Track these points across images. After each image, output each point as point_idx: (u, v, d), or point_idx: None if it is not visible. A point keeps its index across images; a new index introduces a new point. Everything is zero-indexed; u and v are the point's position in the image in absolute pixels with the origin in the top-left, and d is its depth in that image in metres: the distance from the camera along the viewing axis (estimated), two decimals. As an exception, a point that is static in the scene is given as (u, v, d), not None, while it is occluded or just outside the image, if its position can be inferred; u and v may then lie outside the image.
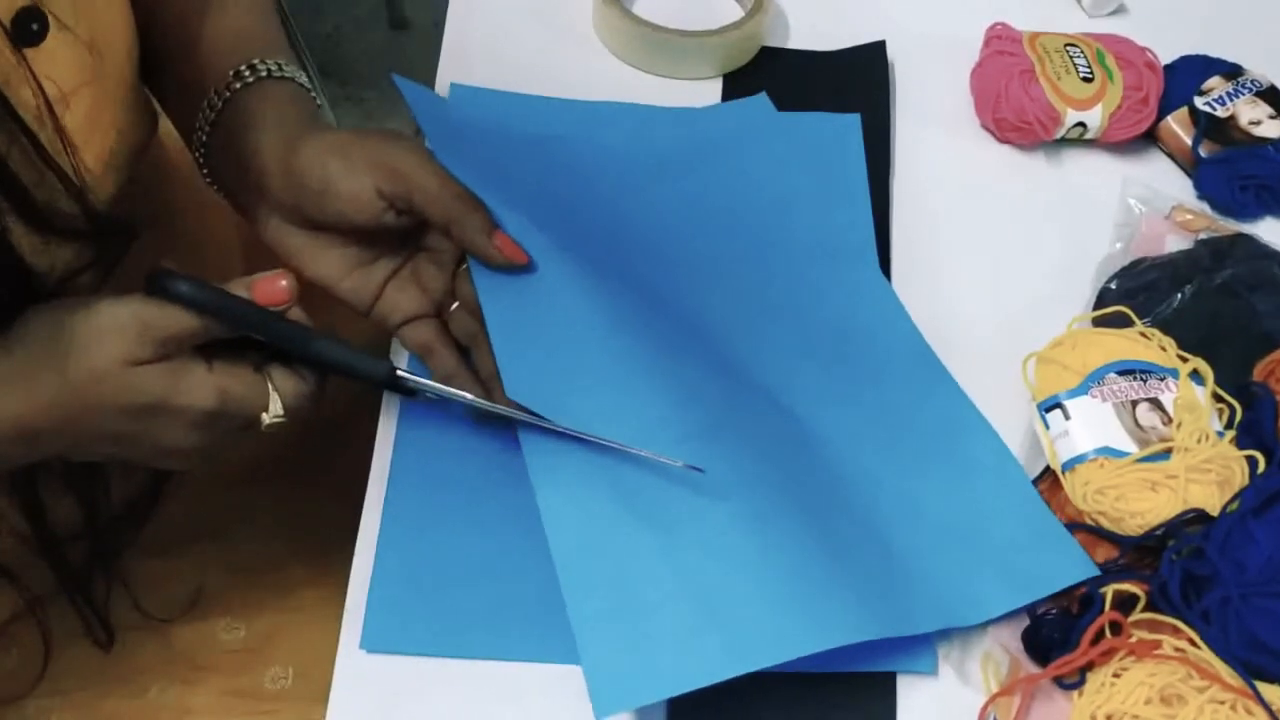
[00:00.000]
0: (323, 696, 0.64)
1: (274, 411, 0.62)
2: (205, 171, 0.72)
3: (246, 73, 0.70)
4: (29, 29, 0.57)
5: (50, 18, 0.58)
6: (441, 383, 0.68)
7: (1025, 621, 0.66)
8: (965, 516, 0.69)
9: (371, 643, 0.64)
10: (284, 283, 0.61)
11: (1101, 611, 0.63)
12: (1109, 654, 0.62)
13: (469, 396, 0.66)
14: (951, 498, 0.70)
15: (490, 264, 0.68)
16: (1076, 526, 0.68)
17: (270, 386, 0.62)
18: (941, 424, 0.73)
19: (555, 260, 0.70)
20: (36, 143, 0.57)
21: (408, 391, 0.66)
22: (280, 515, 0.86)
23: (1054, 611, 0.65)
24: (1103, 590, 0.64)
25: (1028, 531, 0.69)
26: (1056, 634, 0.63)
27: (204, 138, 0.71)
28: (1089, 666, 0.63)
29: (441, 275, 0.71)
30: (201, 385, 0.60)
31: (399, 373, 0.64)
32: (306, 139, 0.67)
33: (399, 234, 0.70)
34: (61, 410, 0.58)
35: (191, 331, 0.59)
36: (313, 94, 0.73)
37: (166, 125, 0.91)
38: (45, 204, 0.58)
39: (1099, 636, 0.63)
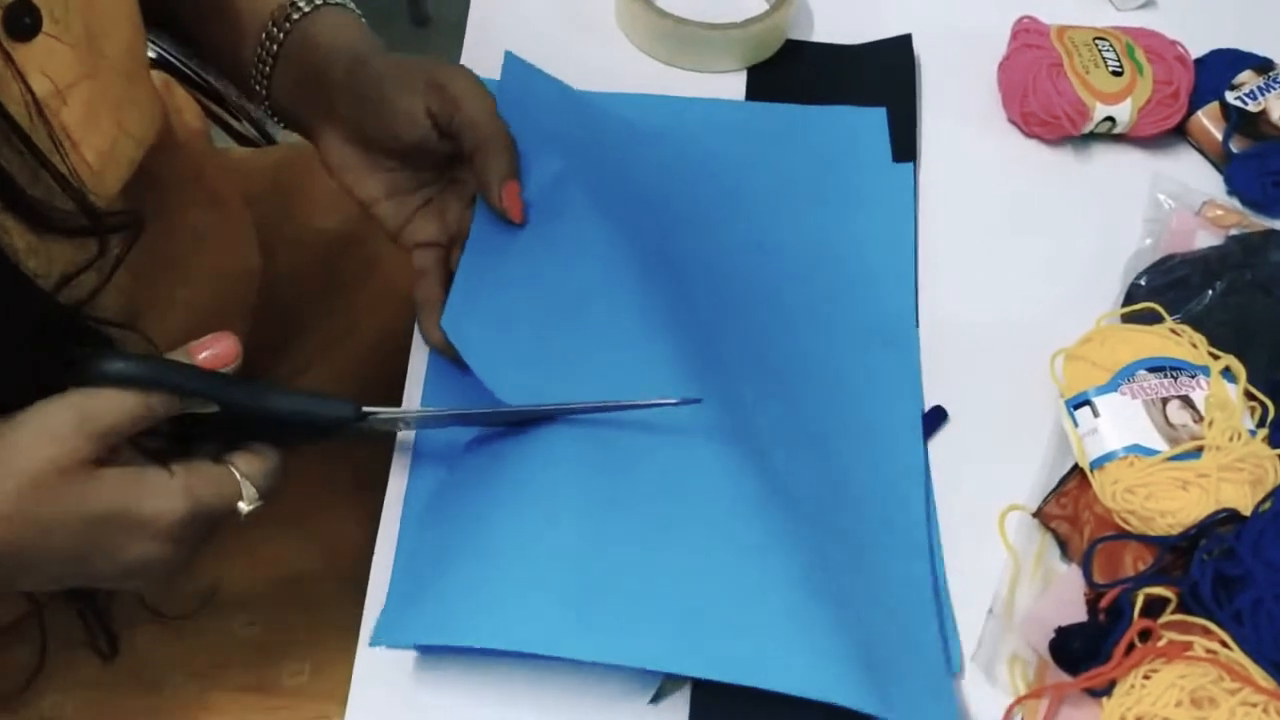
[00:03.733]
0: (341, 692, 0.64)
1: (250, 497, 0.59)
2: (266, 103, 0.76)
3: (303, 3, 0.74)
4: (21, 23, 0.55)
5: (43, 12, 0.56)
6: (419, 306, 0.71)
7: (1050, 627, 0.64)
8: (860, 613, 0.62)
9: (385, 639, 0.64)
10: (225, 343, 0.58)
11: (1131, 623, 0.61)
12: (1139, 658, 0.61)
13: (446, 409, 0.66)
14: (856, 592, 0.63)
15: (490, 205, 0.71)
16: (1106, 538, 0.67)
17: (237, 474, 0.59)
18: (890, 532, 0.68)
19: (560, 229, 0.72)
20: (28, 140, 0.55)
21: (377, 434, 0.64)
22: (296, 509, 0.86)
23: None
24: (1132, 597, 0.62)
25: (913, 662, 0.63)
26: (1085, 645, 0.62)
27: (267, 69, 0.74)
28: (1118, 671, 0.62)
29: (460, 208, 0.74)
30: (166, 490, 0.56)
31: (365, 409, 0.62)
32: (371, 59, 0.71)
33: (440, 164, 0.74)
34: (2, 536, 0.53)
35: (135, 413, 0.55)
36: (363, 19, 0.76)
37: (177, 116, 0.90)
38: (41, 201, 0.56)
39: (1130, 647, 0.61)
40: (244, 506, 0.59)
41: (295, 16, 0.73)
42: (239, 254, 0.84)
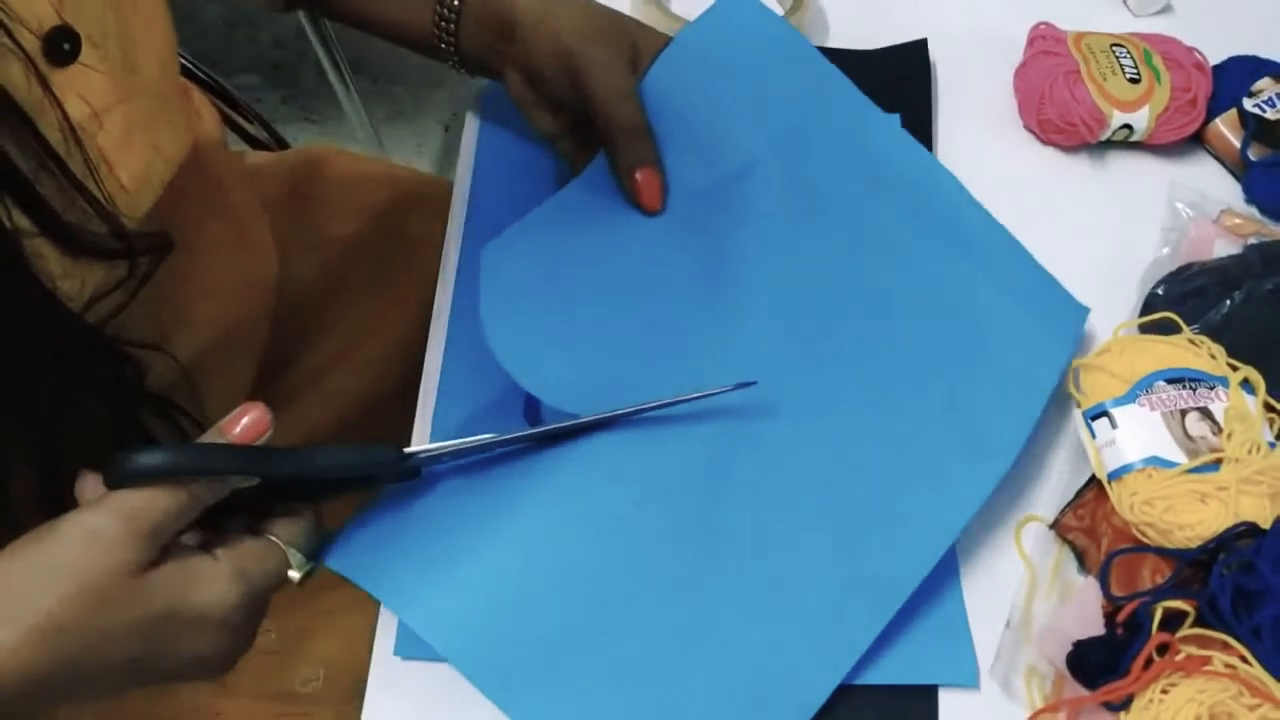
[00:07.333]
0: (354, 698, 0.64)
1: (299, 564, 0.58)
2: (456, 58, 0.78)
3: None
4: (61, 48, 0.55)
5: (82, 37, 0.56)
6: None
7: (1067, 640, 0.64)
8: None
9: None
10: (254, 413, 0.56)
11: (1149, 637, 0.61)
12: (1158, 672, 0.61)
13: (486, 437, 0.64)
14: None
15: (625, 196, 0.73)
16: (1124, 551, 0.66)
17: (280, 544, 0.58)
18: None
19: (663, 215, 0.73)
20: (64, 166, 0.55)
21: (414, 472, 0.63)
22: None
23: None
24: (1150, 610, 0.62)
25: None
26: (1103, 658, 0.62)
27: (452, 27, 0.76)
28: (1136, 685, 0.62)
29: None
30: (215, 579, 0.54)
31: (407, 450, 0.61)
32: (520, 26, 0.72)
33: None
34: (57, 653, 0.49)
35: (182, 505, 0.53)
36: None
37: (196, 123, 0.90)
38: (76, 226, 0.56)
39: (1148, 661, 0.61)
40: (295, 574, 0.58)
41: None
42: (258, 262, 0.84)
